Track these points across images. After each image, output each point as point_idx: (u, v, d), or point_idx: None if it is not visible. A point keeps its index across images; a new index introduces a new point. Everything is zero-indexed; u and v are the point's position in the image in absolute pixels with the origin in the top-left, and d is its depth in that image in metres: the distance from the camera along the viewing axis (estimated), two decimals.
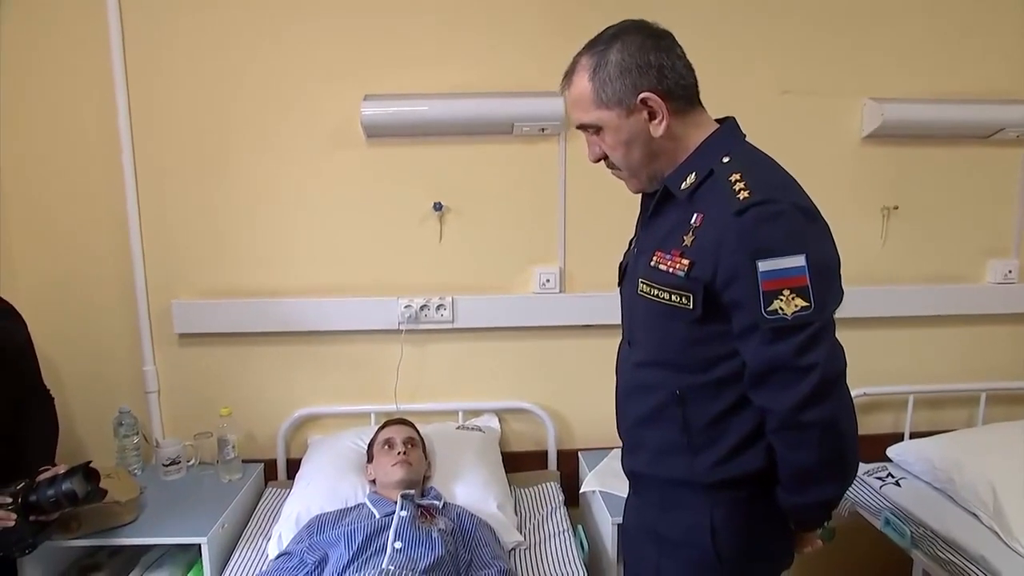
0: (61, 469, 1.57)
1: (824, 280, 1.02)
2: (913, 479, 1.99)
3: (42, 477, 1.55)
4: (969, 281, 2.25)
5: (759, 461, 1.11)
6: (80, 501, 1.54)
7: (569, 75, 1.15)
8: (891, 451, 2.09)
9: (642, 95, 1.08)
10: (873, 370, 2.21)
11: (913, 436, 2.17)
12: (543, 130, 2.03)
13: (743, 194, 1.02)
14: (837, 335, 1.07)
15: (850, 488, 2.01)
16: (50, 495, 1.51)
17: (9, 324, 1.70)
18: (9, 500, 1.49)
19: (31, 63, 1.96)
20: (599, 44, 1.11)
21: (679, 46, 1.12)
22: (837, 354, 1.04)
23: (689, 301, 1.08)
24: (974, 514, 1.76)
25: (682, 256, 1.08)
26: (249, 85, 2.01)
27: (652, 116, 1.10)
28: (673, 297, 1.10)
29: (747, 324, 1.04)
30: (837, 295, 1.08)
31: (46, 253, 2.04)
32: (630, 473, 1.30)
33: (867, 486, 2.02)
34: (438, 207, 2.07)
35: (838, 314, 2.21)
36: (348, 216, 2.08)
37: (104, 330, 2.09)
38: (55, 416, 1.81)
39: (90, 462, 1.59)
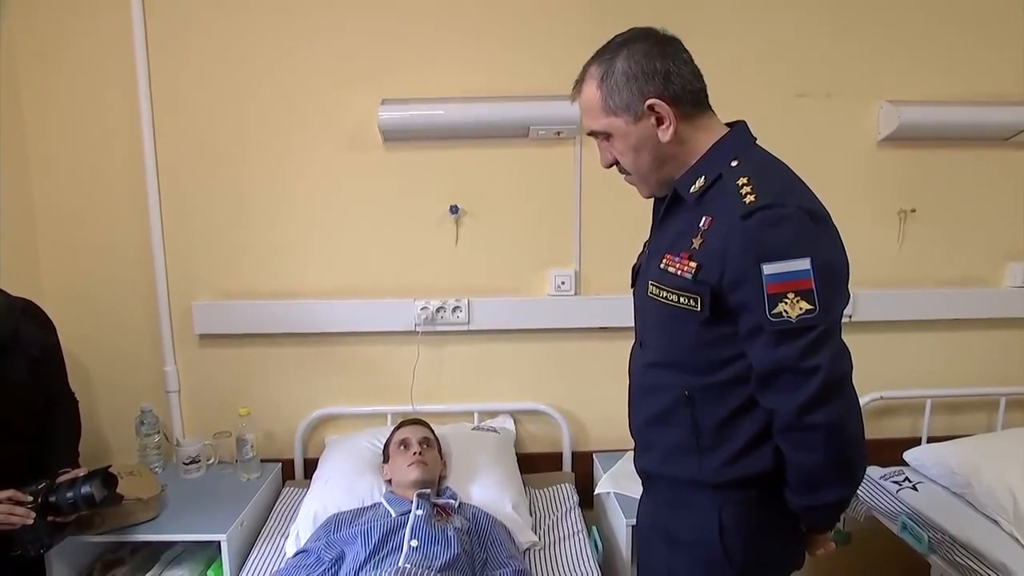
0: (81, 472, 1.61)
1: (829, 283, 1.02)
2: (931, 483, 1.98)
3: (62, 479, 1.58)
4: (988, 285, 2.23)
5: (767, 462, 1.12)
6: (97, 504, 1.57)
7: (579, 83, 1.18)
8: (908, 455, 2.08)
9: (649, 101, 1.10)
10: (890, 374, 2.20)
11: (931, 440, 2.15)
12: (559, 133, 2.04)
13: (749, 198, 1.03)
14: (854, 338, 1.07)
15: (867, 492, 2.04)
16: (69, 497, 1.54)
17: (39, 330, 1.74)
18: (30, 499, 1.52)
19: (56, 69, 2.01)
20: (607, 52, 1.13)
21: (686, 51, 1.14)
22: (842, 357, 1.05)
23: (697, 303, 1.09)
24: (994, 520, 1.75)
25: (690, 259, 1.10)
26: (268, 89, 2.04)
27: (660, 122, 1.11)
28: (681, 299, 1.11)
29: (753, 326, 1.05)
30: (843, 298, 1.08)
31: (71, 255, 2.09)
32: (641, 472, 1.31)
33: (884, 490, 2.01)
34: (454, 210, 2.08)
35: (856, 317, 2.22)
36: (365, 219, 2.11)
37: (126, 331, 2.13)
38: (79, 418, 1.85)
39: (109, 466, 1.63)
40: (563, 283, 2.14)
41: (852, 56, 2.09)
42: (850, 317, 2.11)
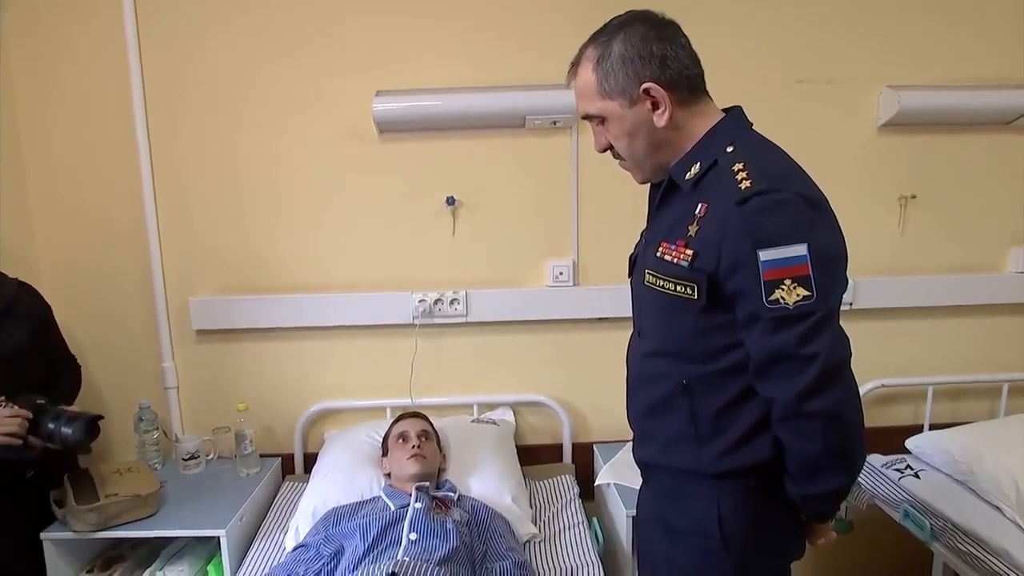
0: (76, 411, 1.63)
1: (827, 269, 1.01)
2: (933, 471, 1.97)
3: (59, 408, 1.62)
4: (990, 270, 2.22)
5: (766, 451, 1.11)
6: (69, 446, 1.59)
7: (575, 66, 1.16)
8: (910, 443, 2.07)
9: (644, 85, 1.08)
10: (892, 361, 2.19)
11: (933, 428, 2.14)
12: (555, 123, 2.03)
13: (745, 183, 1.02)
14: (855, 326, 1.06)
15: (869, 480, 2.03)
16: (51, 427, 1.57)
17: (35, 301, 1.79)
18: (29, 414, 1.55)
19: (50, 64, 2.00)
20: (603, 35, 1.12)
21: (684, 35, 1.12)
22: (840, 343, 1.03)
23: (694, 291, 1.08)
24: (996, 507, 1.74)
25: (686, 246, 1.08)
26: (263, 82, 2.03)
27: (655, 106, 1.10)
28: (678, 287, 1.10)
29: (750, 313, 1.04)
30: (841, 284, 1.07)
31: (67, 252, 2.08)
32: (640, 463, 1.30)
33: (886, 478, 2.00)
34: (451, 201, 2.07)
35: (857, 304, 2.20)
36: (362, 211, 2.10)
37: (124, 327, 2.13)
38: (80, 378, 1.90)
39: (100, 417, 1.64)
40: (561, 274, 2.13)
41: (852, 41, 2.07)
42: (851, 304, 2.10)
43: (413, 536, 1.53)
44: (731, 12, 2.02)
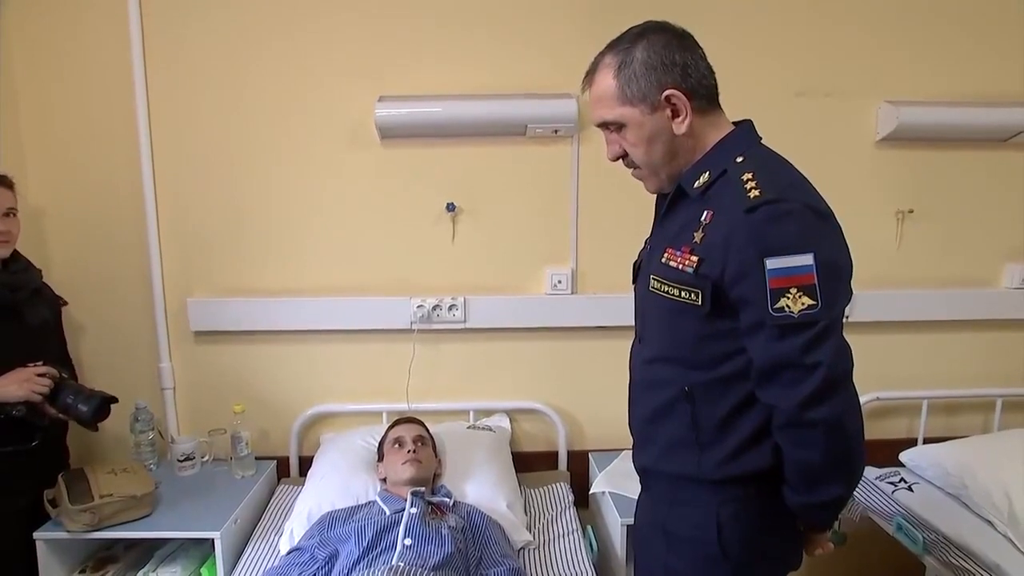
0: (90, 390, 1.71)
1: (832, 279, 1.02)
2: (926, 484, 1.98)
3: (79, 385, 1.72)
4: (986, 285, 2.23)
5: (766, 459, 1.12)
6: (76, 419, 1.68)
7: (591, 74, 1.17)
8: (904, 456, 2.07)
9: (667, 92, 1.09)
10: (887, 374, 2.20)
11: (927, 441, 2.15)
12: (556, 131, 2.04)
13: (754, 192, 1.03)
14: (851, 338, 1.07)
15: (863, 493, 2.03)
16: (68, 401, 1.65)
17: (52, 293, 1.88)
18: (52, 383, 1.65)
19: (53, 62, 2.00)
20: (624, 42, 1.12)
21: (700, 47, 1.14)
22: (844, 353, 1.04)
23: (698, 298, 1.09)
24: (988, 521, 1.75)
25: (692, 253, 1.09)
26: (265, 85, 2.03)
27: (675, 114, 1.11)
28: (683, 293, 1.11)
29: (754, 321, 1.05)
30: (846, 295, 1.08)
31: (66, 252, 2.08)
32: (640, 469, 1.31)
33: (879, 491, 2.01)
34: (451, 208, 2.08)
35: (853, 318, 2.21)
36: (362, 216, 2.10)
37: (122, 327, 2.13)
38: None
39: (115, 399, 1.72)
40: (560, 282, 2.13)
41: (851, 55, 2.08)
42: (847, 317, 2.09)
43: (408, 541, 1.53)
44: (731, 24, 2.04)
